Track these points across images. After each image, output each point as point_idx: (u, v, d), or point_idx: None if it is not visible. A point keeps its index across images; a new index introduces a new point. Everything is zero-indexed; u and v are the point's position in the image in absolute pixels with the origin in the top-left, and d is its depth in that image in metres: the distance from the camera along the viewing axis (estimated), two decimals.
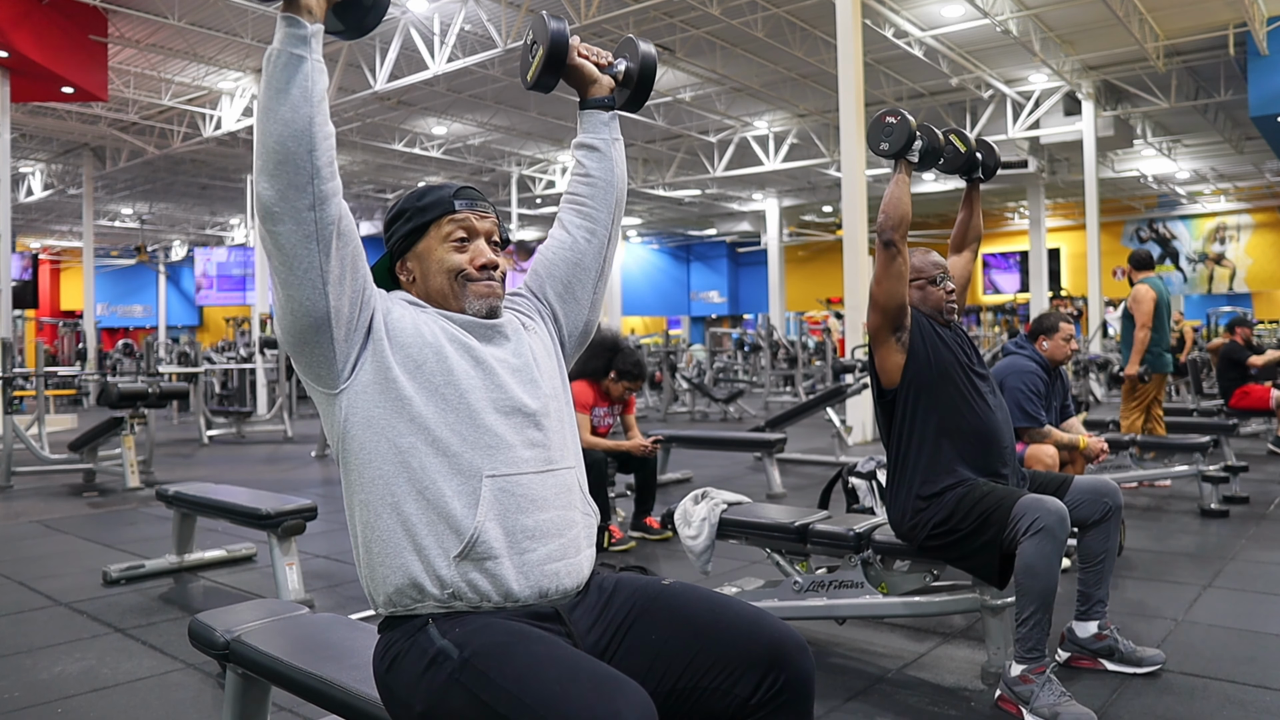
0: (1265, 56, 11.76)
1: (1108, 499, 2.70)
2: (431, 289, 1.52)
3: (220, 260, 23.49)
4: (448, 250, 1.51)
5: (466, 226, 1.52)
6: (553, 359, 1.59)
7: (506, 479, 1.39)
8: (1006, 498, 2.48)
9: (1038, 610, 2.39)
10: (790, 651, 1.35)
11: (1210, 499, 5.18)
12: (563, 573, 1.41)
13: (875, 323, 2.67)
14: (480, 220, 1.53)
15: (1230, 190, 23.02)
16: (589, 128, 1.72)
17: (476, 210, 1.53)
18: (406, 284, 1.55)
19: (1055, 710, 2.33)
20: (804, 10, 11.64)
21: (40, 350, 7.87)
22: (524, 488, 1.40)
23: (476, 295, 1.50)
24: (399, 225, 1.55)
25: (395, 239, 1.55)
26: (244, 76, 14.32)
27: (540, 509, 1.41)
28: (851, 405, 9.35)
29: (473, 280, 1.50)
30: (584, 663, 1.26)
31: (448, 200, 1.52)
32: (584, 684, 1.21)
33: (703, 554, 3.07)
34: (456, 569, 1.34)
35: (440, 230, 1.51)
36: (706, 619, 1.39)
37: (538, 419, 1.46)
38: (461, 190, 1.54)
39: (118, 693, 2.70)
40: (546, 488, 1.43)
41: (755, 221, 25.11)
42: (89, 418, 12.01)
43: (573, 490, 1.48)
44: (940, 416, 2.63)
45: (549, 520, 1.41)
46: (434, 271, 1.51)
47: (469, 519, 1.35)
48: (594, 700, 1.18)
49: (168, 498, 4.02)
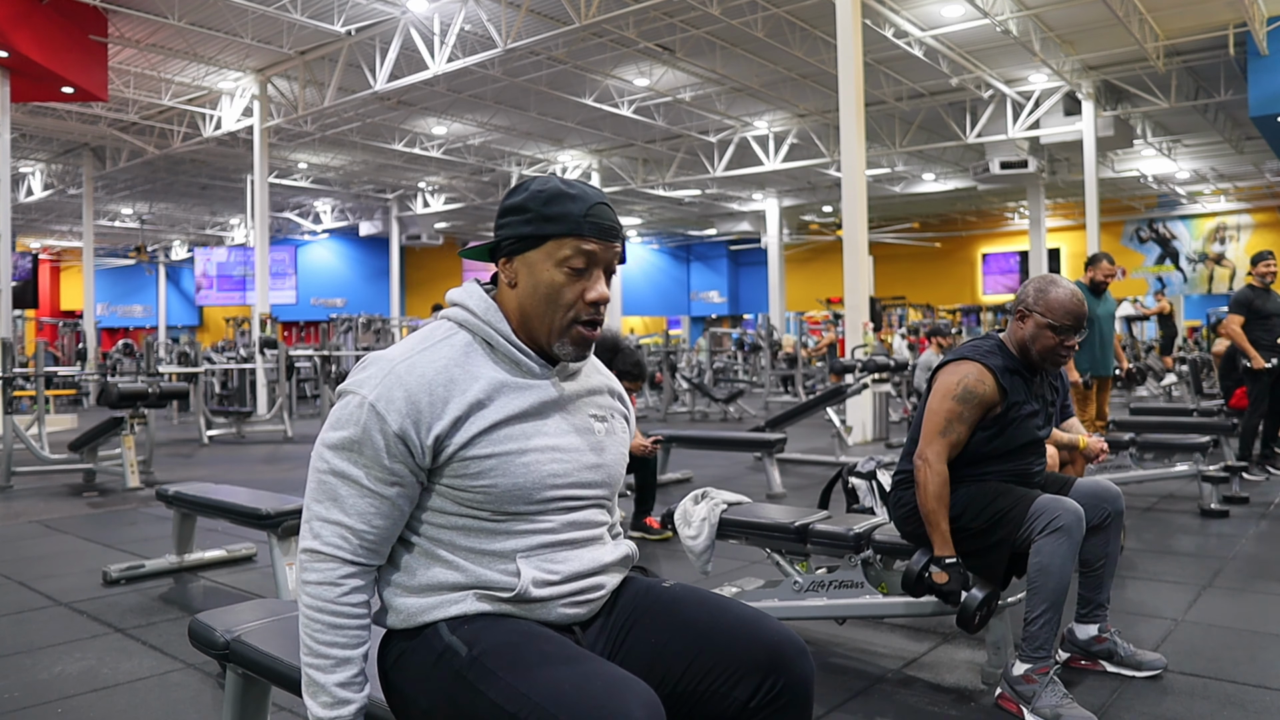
0: (1265, 56, 11.75)
1: (1109, 504, 2.68)
2: (530, 306, 1.38)
3: (220, 260, 23.52)
4: (562, 277, 1.36)
5: (590, 255, 1.36)
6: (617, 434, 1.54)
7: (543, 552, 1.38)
8: (1023, 498, 2.47)
9: (1049, 609, 2.39)
10: (790, 655, 1.35)
11: (1210, 499, 5.18)
12: (586, 609, 1.42)
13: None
14: (605, 250, 1.38)
15: (1230, 190, 23.02)
16: None
17: (605, 240, 1.37)
18: (505, 283, 1.41)
19: (1057, 712, 2.33)
20: (804, 10, 11.64)
21: (41, 350, 7.87)
22: (557, 552, 1.40)
23: (573, 341, 1.39)
24: (516, 221, 1.38)
25: (508, 234, 1.39)
26: (244, 76, 14.32)
27: (575, 563, 1.41)
28: (852, 405, 9.35)
29: (579, 322, 1.38)
30: (593, 662, 1.26)
31: (578, 220, 1.35)
32: (594, 683, 1.21)
33: (703, 554, 3.07)
34: (490, 604, 1.36)
35: (560, 250, 1.35)
36: (706, 622, 1.39)
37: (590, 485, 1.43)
38: (594, 210, 1.36)
39: (118, 693, 2.70)
40: (578, 555, 1.42)
41: (755, 221, 25.11)
42: (89, 418, 12.01)
43: (603, 536, 1.49)
44: (990, 447, 2.60)
45: (577, 576, 1.41)
46: (541, 295, 1.37)
47: (508, 582, 1.35)
48: (604, 698, 1.18)
49: (168, 498, 4.02)
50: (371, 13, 11.72)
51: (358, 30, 12.16)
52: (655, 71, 14.06)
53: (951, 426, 2.52)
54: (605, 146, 19.25)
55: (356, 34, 12.24)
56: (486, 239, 1.47)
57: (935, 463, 2.50)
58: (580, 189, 1.38)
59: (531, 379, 1.39)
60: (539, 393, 1.39)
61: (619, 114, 15.43)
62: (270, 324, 14.39)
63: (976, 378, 2.54)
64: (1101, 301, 5.63)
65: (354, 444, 1.31)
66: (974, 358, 2.59)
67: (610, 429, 1.49)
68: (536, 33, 11.30)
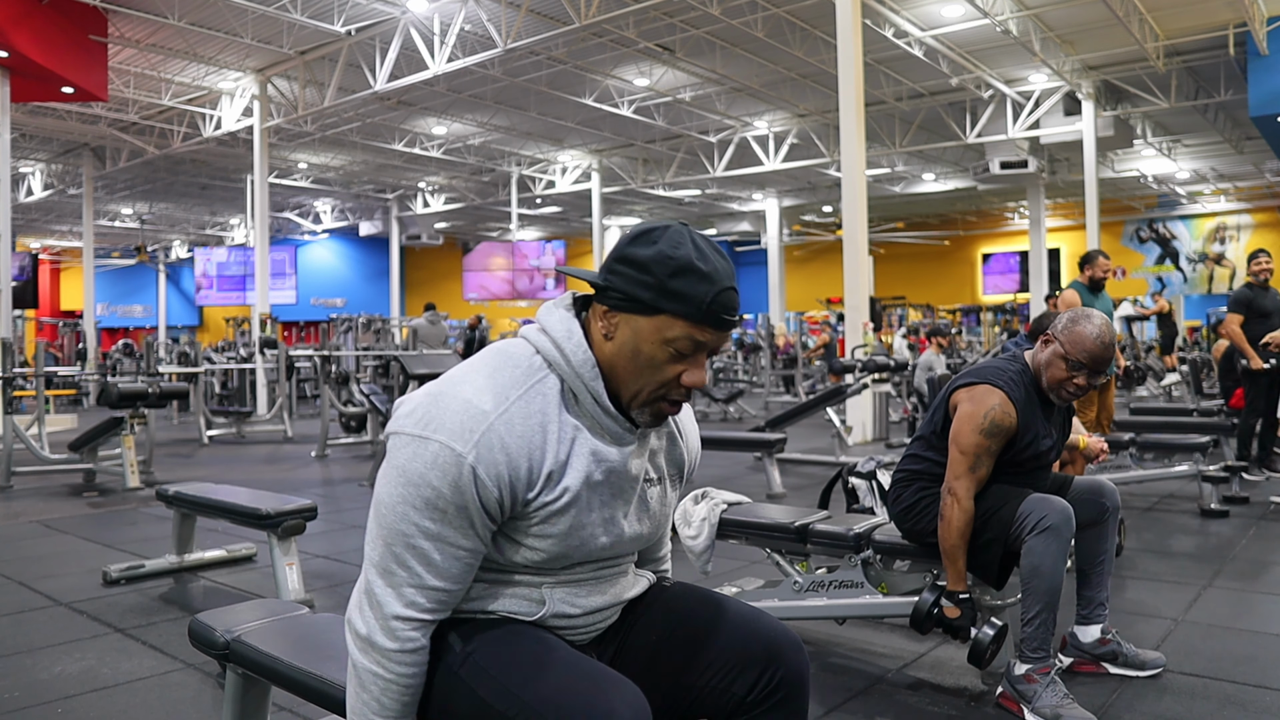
0: (1265, 56, 11.75)
1: (1105, 500, 2.69)
2: (622, 370, 1.27)
3: (220, 260, 23.53)
4: (664, 354, 1.25)
5: (703, 343, 1.25)
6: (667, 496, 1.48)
7: (569, 587, 1.37)
8: (1012, 497, 2.48)
9: (1044, 609, 2.40)
10: (785, 649, 1.37)
11: (1210, 499, 5.18)
12: (589, 637, 1.42)
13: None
14: (718, 339, 1.26)
15: (1230, 190, 23.02)
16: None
17: (722, 330, 1.26)
18: (599, 334, 1.28)
19: (1057, 712, 2.33)
20: (804, 10, 11.64)
21: (41, 349, 7.87)
22: (582, 589, 1.39)
23: (654, 415, 1.30)
24: (632, 279, 1.24)
25: (619, 288, 1.25)
26: (244, 76, 14.33)
27: (598, 599, 1.40)
28: (852, 405, 9.34)
29: (667, 400, 1.29)
30: (582, 662, 1.27)
31: (703, 306, 1.22)
32: (582, 683, 1.22)
33: (703, 554, 3.07)
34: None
35: (671, 329, 1.23)
36: (704, 619, 1.41)
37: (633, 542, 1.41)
38: (721, 297, 1.23)
39: (118, 693, 2.70)
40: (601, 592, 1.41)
41: (755, 221, 25.12)
42: (89, 418, 12.01)
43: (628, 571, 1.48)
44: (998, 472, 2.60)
45: (599, 612, 1.41)
46: (636, 364, 1.26)
47: (529, 609, 1.35)
48: (590, 697, 1.19)
49: (168, 498, 4.02)
50: (371, 13, 11.72)
51: (358, 30, 12.16)
52: (655, 71, 14.06)
53: (980, 461, 2.49)
54: (605, 146, 19.25)
55: (356, 34, 12.24)
56: (487, 239, 1.40)
57: (964, 500, 2.47)
58: (712, 264, 1.24)
59: (609, 443, 1.30)
60: (611, 460, 1.30)
61: (619, 114, 15.43)
62: (270, 324, 14.39)
63: (1002, 410, 2.50)
64: (1099, 299, 5.63)
65: (449, 505, 1.21)
66: (999, 385, 2.54)
67: (662, 493, 1.43)
68: (536, 33, 11.30)
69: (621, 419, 1.30)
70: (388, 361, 10.32)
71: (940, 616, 2.47)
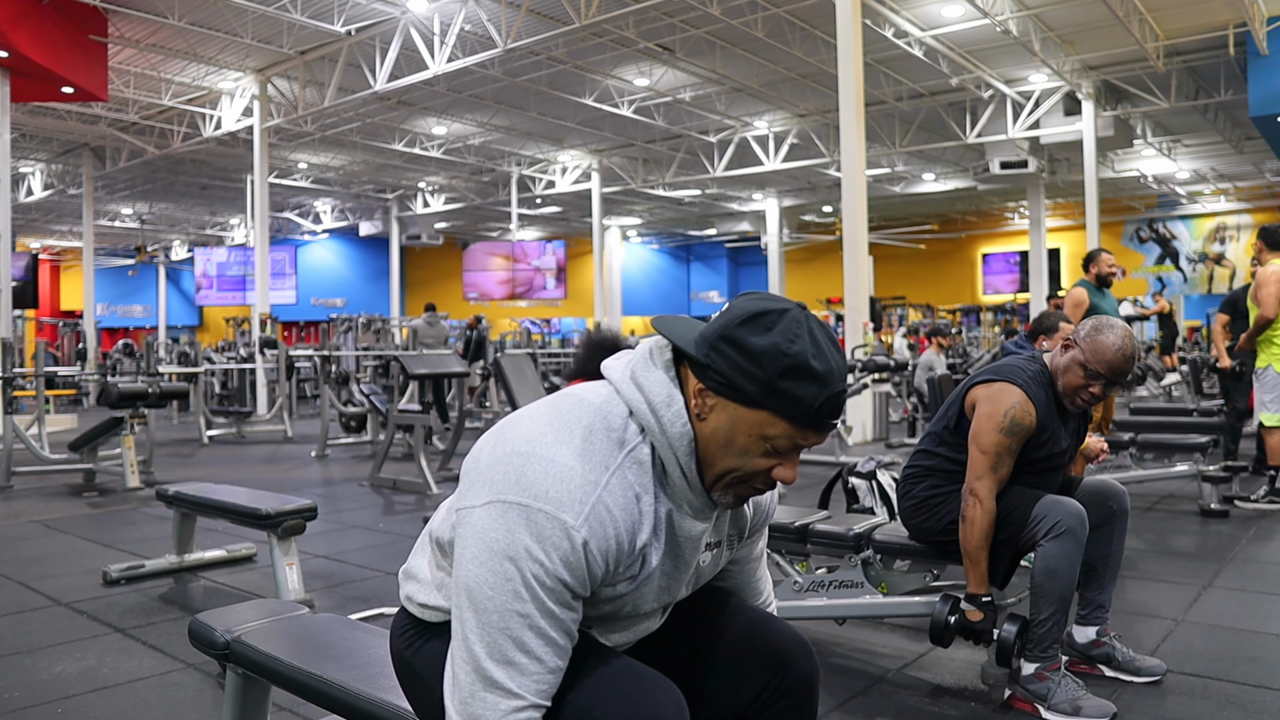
0: (1265, 56, 11.75)
1: (1112, 502, 2.67)
2: (712, 453, 1.19)
3: (220, 260, 23.54)
4: (760, 449, 1.18)
5: (799, 446, 1.19)
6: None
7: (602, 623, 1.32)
8: (1025, 499, 2.47)
9: (1056, 612, 2.39)
10: (795, 654, 1.36)
11: (1210, 499, 5.18)
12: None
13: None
14: (816, 439, 1.19)
15: (1230, 190, 23.02)
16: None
17: (824, 433, 1.19)
18: (693, 410, 1.20)
19: (1077, 704, 2.33)
20: (804, 10, 11.64)
21: (41, 349, 7.87)
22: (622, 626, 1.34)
23: (736, 497, 1.23)
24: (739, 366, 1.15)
25: (723, 370, 1.16)
26: (244, 76, 14.33)
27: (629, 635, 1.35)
28: (852, 405, 9.34)
29: (752, 486, 1.22)
30: (622, 660, 1.26)
31: (807, 411, 1.14)
32: (624, 678, 1.21)
33: None
34: None
35: (772, 427, 1.16)
36: (716, 622, 1.41)
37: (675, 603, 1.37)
38: (829, 403, 1.15)
39: (118, 693, 2.70)
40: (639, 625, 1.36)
41: (755, 221, 25.11)
42: (89, 418, 12.01)
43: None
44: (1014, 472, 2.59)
45: (629, 642, 1.37)
46: (731, 451, 1.18)
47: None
48: (635, 694, 1.18)
49: (168, 498, 4.02)
50: (371, 13, 11.72)
51: (358, 30, 12.16)
52: (655, 71, 14.06)
53: (1002, 460, 2.47)
54: (605, 146, 19.25)
55: (356, 34, 12.24)
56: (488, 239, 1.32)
57: (987, 500, 2.44)
58: (827, 364, 1.14)
59: (689, 516, 1.24)
60: (686, 535, 1.25)
61: (619, 114, 15.43)
62: (270, 324, 14.40)
63: (1022, 409, 2.47)
64: (1106, 298, 5.62)
65: (565, 585, 1.12)
66: (1018, 383, 2.51)
67: (716, 556, 1.37)
68: (536, 33, 11.30)
69: (705, 495, 1.23)
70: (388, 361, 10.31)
71: (962, 622, 2.43)
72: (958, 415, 2.65)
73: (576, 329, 27.70)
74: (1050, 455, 2.57)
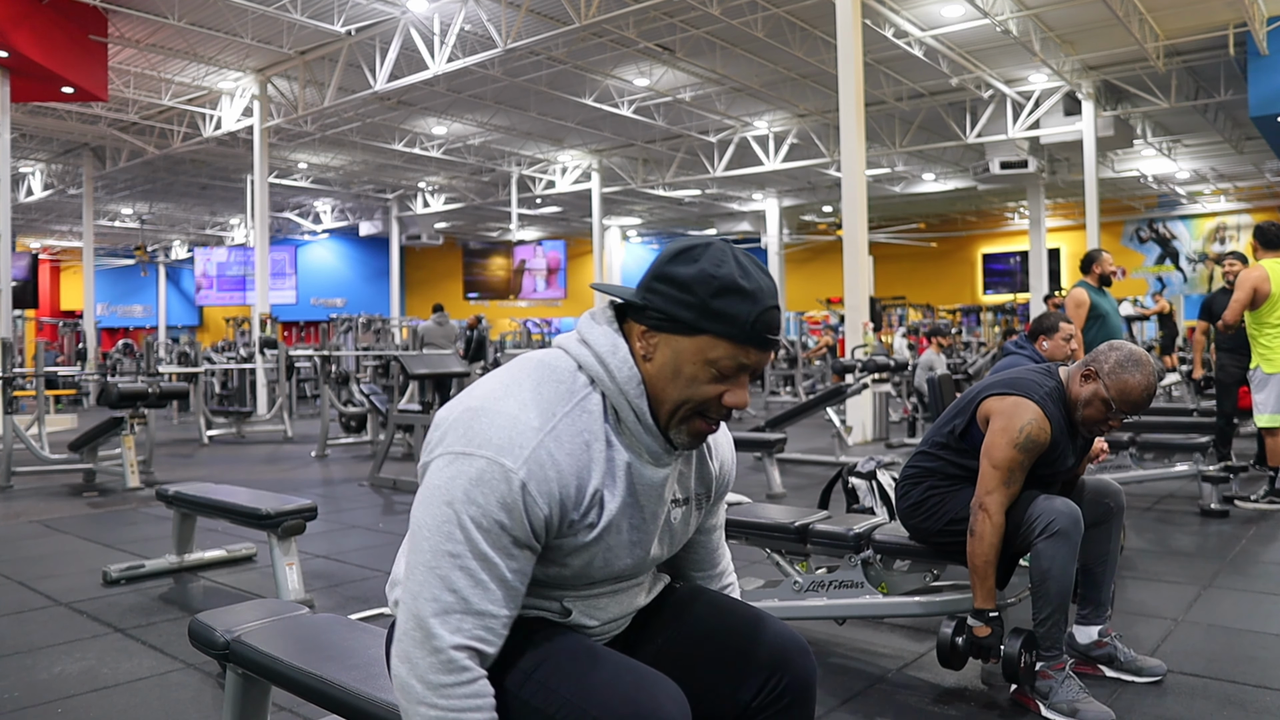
0: (1265, 56, 11.75)
1: (1109, 500, 2.68)
2: (661, 390, 1.24)
3: (220, 260, 23.54)
4: (705, 374, 1.22)
5: (745, 365, 1.23)
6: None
7: (587, 599, 1.36)
8: (1020, 500, 2.47)
9: (1055, 610, 2.40)
10: (792, 655, 1.36)
11: (1210, 499, 5.18)
12: (619, 631, 1.41)
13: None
14: (761, 358, 1.24)
15: (1230, 190, 23.02)
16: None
17: (766, 350, 1.24)
18: (639, 352, 1.25)
19: (1074, 706, 2.34)
20: (804, 10, 11.64)
21: (40, 350, 7.87)
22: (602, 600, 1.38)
23: (692, 434, 1.26)
24: (674, 298, 1.21)
25: (659, 306, 1.22)
26: (244, 76, 14.33)
27: (615, 609, 1.39)
28: (852, 405, 9.34)
29: (705, 417, 1.25)
30: (620, 659, 1.26)
31: (744, 327, 1.20)
32: (624, 678, 1.21)
33: None
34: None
35: (714, 350, 1.21)
36: (711, 622, 1.40)
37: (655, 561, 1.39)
38: (764, 316, 1.21)
39: (118, 693, 2.70)
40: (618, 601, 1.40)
41: (755, 221, 25.11)
42: (89, 418, 12.01)
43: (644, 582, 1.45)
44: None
45: (618, 620, 1.40)
46: (679, 382, 1.23)
47: (551, 606, 1.33)
48: (634, 693, 1.18)
49: (168, 498, 4.02)
50: (371, 13, 11.72)
51: (358, 30, 12.16)
52: (655, 71, 14.06)
53: (1014, 477, 2.45)
54: (605, 146, 19.25)
55: (356, 34, 12.23)
56: (487, 240, 1.35)
57: (996, 515, 2.43)
58: (756, 282, 1.21)
59: (647, 463, 1.27)
60: (645, 481, 1.28)
61: (619, 114, 15.42)
62: (270, 324, 14.39)
63: (1039, 426, 2.45)
64: (1105, 297, 5.60)
65: (500, 526, 1.15)
66: (1035, 399, 2.49)
67: (686, 514, 1.40)
68: (536, 33, 11.30)
69: (662, 438, 1.27)
70: (388, 361, 10.32)
71: (970, 639, 2.43)
72: (967, 423, 2.63)
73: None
74: (1055, 472, 2.58)
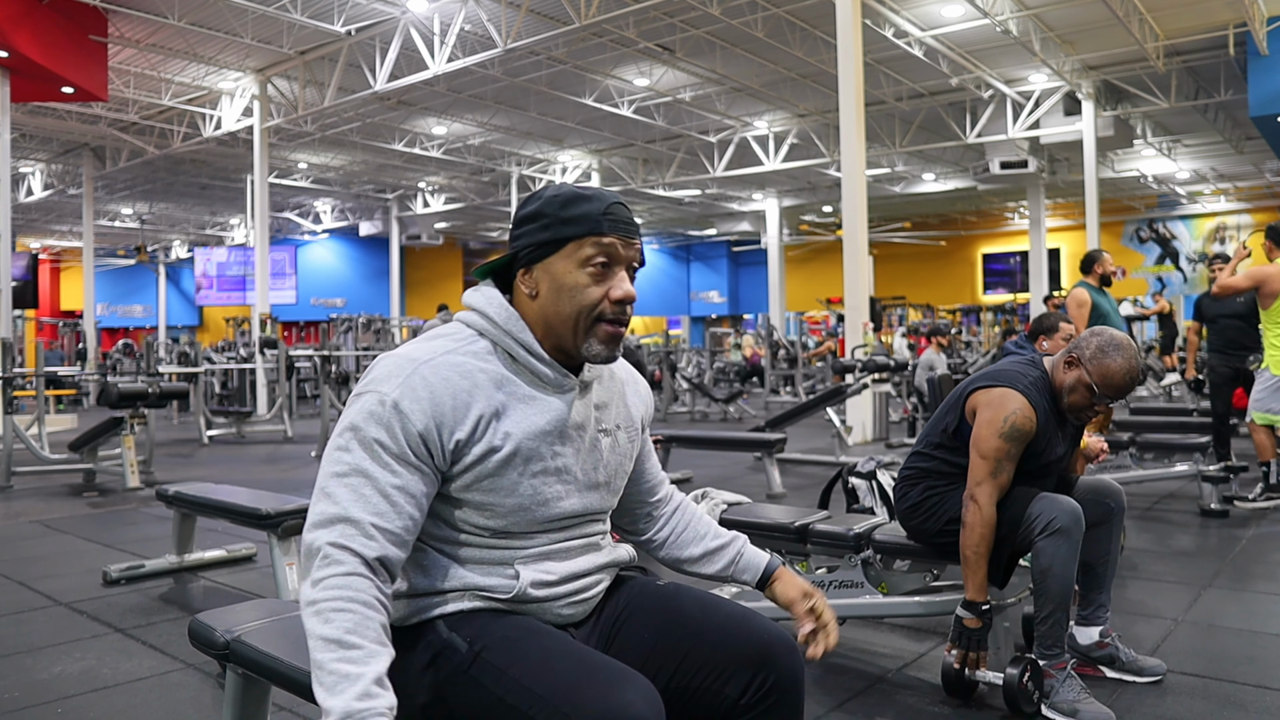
0: (1265, 56, 11.75)
1: (1109, 500, 2.67)
2: (554, 313, 1.34)
3: (220, 260, 23.51)
4: (585, 278, 1.33)
5: (612, 253, 1.34)
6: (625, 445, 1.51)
7: (540, 560, 1.38)
8: (1020, 497, 2.47)
9: (1056, 609, 2.40)
10: (779, 651, 1.35)
11: (1210, 499, 5.18)
12: (581, 609, 1.43)
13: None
14: (626, 245, 1.35)
15: (1230, 190, 23.02)
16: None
17: (625, 236, 1.35)
18: (526, 295, 1.37)
19: (1075, 707, 2.33)
20: (804, 10, 11.64)
21: (40, 350, 7.87)
22: (554, 559, 1.39)
23: (601, 340, 1.35)
24: (532, 229, 1.35)
25: (525, 243, 1.36)
26: (244, 76, 14.32)
27: (572, 566, 1.41)
28: (852, 405, 9.34)
29: (604, 320, 1.34)
30: (594, 656, 1.26)
31: (596, 219, 1.33)
32: (596, 676, 1.21)
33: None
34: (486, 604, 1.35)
35: (580, 251, 1.33)
36: (697, 619, 1.39)
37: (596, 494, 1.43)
38: (612, 208, 1.35)
39: (118, 693, 2.70)
40: (574, 561, 1.42)
41: (755, 221, 25.11)
42: (89, 418, 12.01)
43: (598, 541, 1.48)
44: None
45: (573, 577, 1.41)
46: (564, 298, 1.33)
47: (506, 585, 1.35)
48: (606, 691, 1.18)
49: (168, 498, 4.02)
50: (371, 13, 11.72)
51: (358, 30, 12.16)
52: (655, 71, 14.06)
53: (1002, 466, 2.46)
54: (605, 146, 19.25)
55: (356, 34, 12.24)
56: (487, 240, 1.45)
57: (986, 506, 2.44)
58: (595, 190, 1.37)
59: (551, 393, 1.36)
60: (555, 409, 1.35)
61: (619, 114, 15.43)
62: (270, 324, 14.39)
63: (1024, 415, 2.47)
64: (1105, 297, 5.61)
65: (376, 442, 1.25)
66: (1019, 389, 2.51)
67: (614, 443, 1.46)
68: (536, 33, 11.30)
69: (558, 366, 1.36)
70: None
71: (959, 630, 2.46)
72: (958, 419, 2.64)
73: None
74: (1046, 464, 2.58)
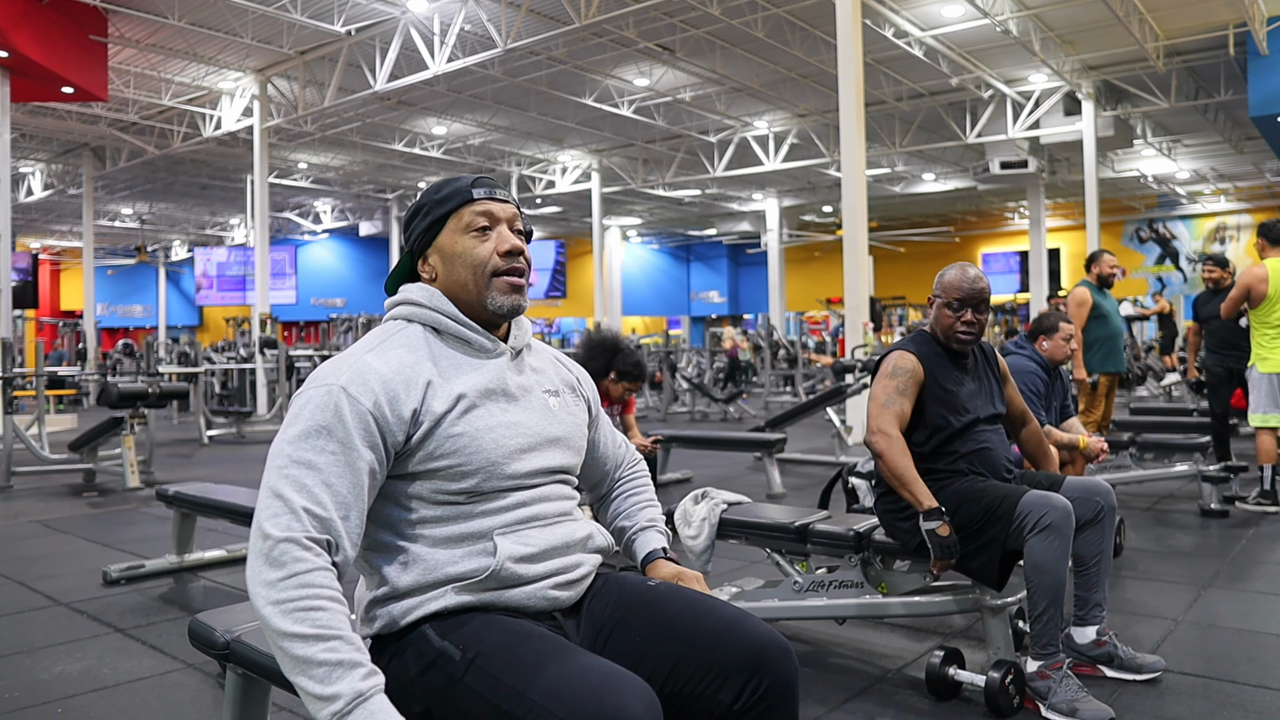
0: (1265, 56, 11.75)
1: (1100, 499, 2.67)
2: (454, 283, 1.47)
3: (220, 260, 23.53)
4: (470, 241, 1.46)
5: (487, 213, 1.47)
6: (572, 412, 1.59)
7: (517, 528, 1.40)
8: (1010, 495, 2.47)
9: (1050, 606, 2.40)
10: (772, 656, 1.33)
11: (1210, 499, 5.18)
12: (570, 592, 1.44)
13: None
14: (501, 207, 1.48)
15: (1230, 190, 23.02)
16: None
17: (496, 197, 1.48)
18: (427, 277, 1.50)
19: (1073, 706, 2.34)
20: (804, 10, 11.64)
21: (40, 351, 7.87)
22: (531, 525, 1.42)
23: (501, 290, 1.46)
24: (418, 222, 1.50)
25: (415, 236, 1.50)
26: (244, 76, 14.32)
27: (550, 537, 1.43)
28: (852, 405, 9.34)
29: (499, 274, 1.46)
30: (588, 659, 1.25)
31: (465, 189, 1.47)
32: (591, 679, 1.20)
33: (702, 554, 3.07)
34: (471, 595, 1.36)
35: (460, 221, 1.46)
36: (689, 622, 1.37)
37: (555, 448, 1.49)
38: (479, 179, 1.50)
39: (118, 693, 2.70)
40: (551, 530, 1.44)
41: (755, 221, 25.12)
42: (89, 418, 12.01)
43: (572, 512, 1.51)
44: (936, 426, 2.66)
45: (554, 551, 1.43)
46: (458, 265, 1.46)
47: (485, 563, 1.37)
48: (602, 694, 1.17)
49: (168, 498, 4.02)
50: (371, 13, 11.72)
51: (358, 30, 12.16)
52: (655, 71, 14.06)
53: (892, 399, 2.63)
54: (605, 146, 19.25)
55: (356, 34, 12.24)
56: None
57: (889, 428, 2.58)
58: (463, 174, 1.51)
59: (484, 357, 1.46)
60: (493, 371, 1.45)
61: (619, 114, 15.43)
62: (270, 324, 14.39)
63: (899, 356, 2.70)
64: (1106, 297, 5.62)
65: (323, 430, 1.29)
66: (895, 346, 2.78)
67: (563, 403, 1.55)
68: (536, 33, 11.30)
69: (483, 330, 1.47)
70: None
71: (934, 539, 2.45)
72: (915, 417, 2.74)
73: (576, 329, 27.69)
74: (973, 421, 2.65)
